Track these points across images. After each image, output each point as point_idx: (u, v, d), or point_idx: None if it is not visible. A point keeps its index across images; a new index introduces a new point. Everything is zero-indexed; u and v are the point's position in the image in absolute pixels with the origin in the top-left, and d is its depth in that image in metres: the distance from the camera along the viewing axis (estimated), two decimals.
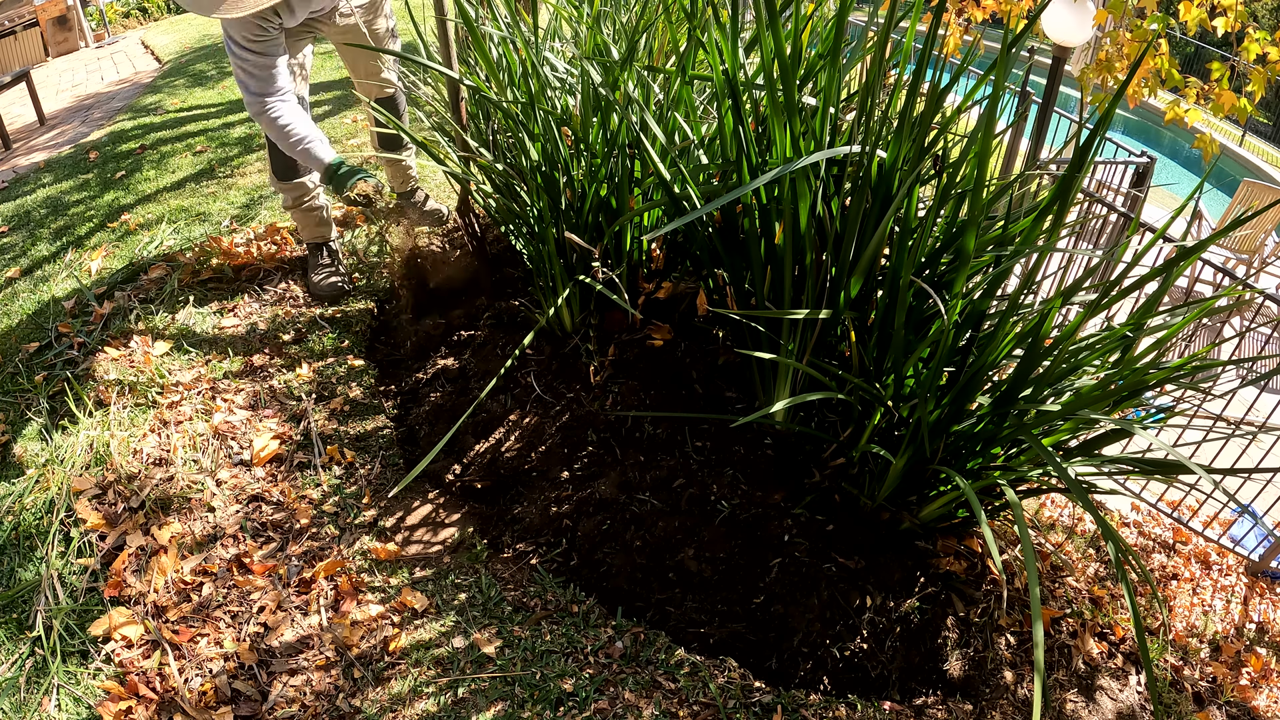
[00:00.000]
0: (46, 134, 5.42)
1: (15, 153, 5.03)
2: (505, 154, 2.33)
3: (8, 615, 1.69)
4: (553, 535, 1.90)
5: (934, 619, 1.74)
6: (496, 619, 1.72)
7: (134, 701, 1.51)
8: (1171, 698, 1.90)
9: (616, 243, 2.07)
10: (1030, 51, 7.07)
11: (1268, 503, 3.52)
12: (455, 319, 2.51)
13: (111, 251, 3.02)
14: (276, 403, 2.30)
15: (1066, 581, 2.05)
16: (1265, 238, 6.94)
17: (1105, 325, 1.66)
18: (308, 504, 2.00)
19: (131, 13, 10.01)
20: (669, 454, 1.92)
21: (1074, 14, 4.11)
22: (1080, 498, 1.33)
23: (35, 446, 2.11)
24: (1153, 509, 3.20)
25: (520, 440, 2.09)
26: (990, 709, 1.66)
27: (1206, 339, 5.10)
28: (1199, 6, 3.66)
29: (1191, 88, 3.91)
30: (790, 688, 1.63)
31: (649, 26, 2.15)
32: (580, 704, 1.54)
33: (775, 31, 1.48)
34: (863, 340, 1.72)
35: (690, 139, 1.94)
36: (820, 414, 1.93)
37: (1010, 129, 5.03)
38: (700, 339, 2.11)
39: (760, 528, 1.78)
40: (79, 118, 5.63)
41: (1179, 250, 1.42)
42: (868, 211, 1.60)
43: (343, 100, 4.72)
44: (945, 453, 1.68)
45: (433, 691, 1.56)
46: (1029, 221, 1.57)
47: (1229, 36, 3.70)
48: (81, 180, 3.78)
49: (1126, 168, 5.24)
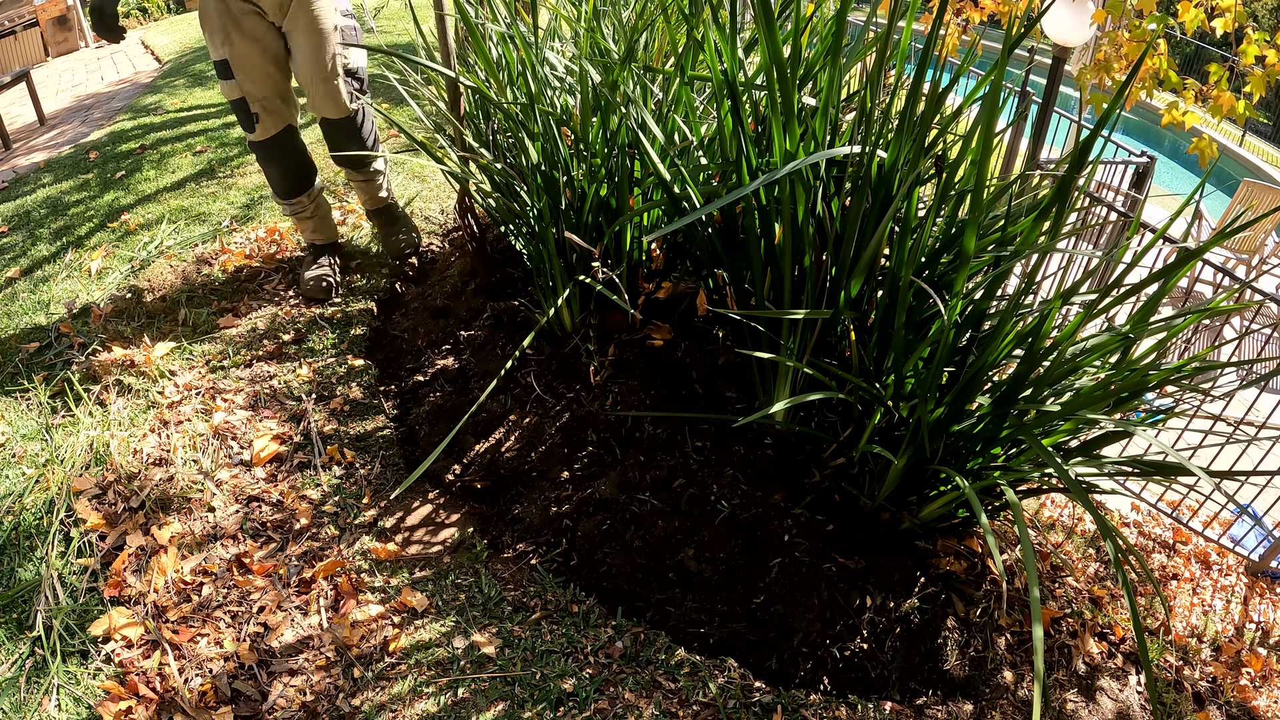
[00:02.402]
0: (46, 134, 5.42)
1: (15, 153, 5.03)
2: (505, 154, 2.33)
3: (8, 615, 1.69)
4: (553, 535, 1.90)
5: (934, 619, 1.74)
6: (496, 619, 1.72)
7: (134, 701, 1.50)
8: (1171, 698, 1.90)
9: (616, 243, 2.07)
10: (1030, 51, 7.07)
11: (1268, 503, 3.52)
12: (455, 319, 2.51)
13: (111, 251, 3.02)
14: (276, 403, 2.30)
15: (1066, 581, 2.05)
16: (1265, 238, 6.94)
17: (1105, 326, 1.66)
18: (307, 504, 2.00)
19: (131, 13, 10.01)
20: (669, 454, 1.92)
21: (1073, 14, 4.11)
22: (1080, 498, 1.33)
23: (35, 446, 2.11)
24: (1153, 509, 3.20)
25: (520, 440, 2.09)
26: (990, 709, 1.66)
27: (1206, 340, 5.10)
28: (1197, 7, 3.66)
29: (1190, 89, 3.91)
30: (790, 688, 1.63)
31: (648, 26, 2.15)
32: (580, 704, 1.54)
33: (773, 35, 1.49)
34: (863, 340, 1.72)
35: (690, 139, 1.94)
36: (820, 414, 1.93)
37: (1010, 129, 5.03)
38: (700, 339, 2.11)
39: (760, 528, 1.78)
40: (79, 118, 5.63)
41: (1179, 252, 1.42)
42: (868, 211, 1.61)
43: None
44: (945, 453, 1.68)
45: (433, 691, 1.56)
46: (1029, 222, 1.57)
47: (1228, 37, 3.70)
48: (81, 180, 3.78)
49: (1126, 168, 5.24)
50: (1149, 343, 1.76)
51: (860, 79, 2.06)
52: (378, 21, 7.34)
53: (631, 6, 2.44)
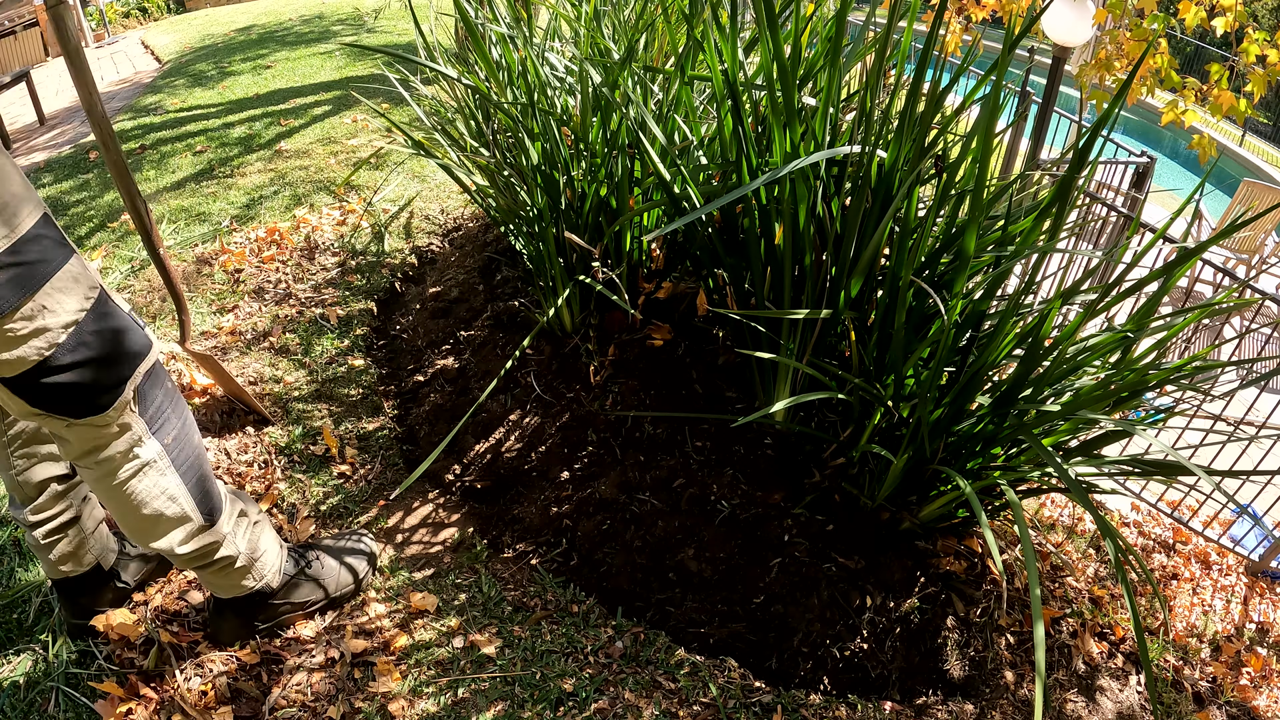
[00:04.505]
0: (46, 134, 5.42)
1: (15, 153, 5.03)
2: (505, 154, 2.33)
3: (8, 615, 1.69)
4: (553, 535, 1.90)
5: (934, 619, 1.74)
6: (496, 619, 1.72)
7: (134, 702, 1.50)
8: (1171, 698, 1.90)
9: (616, 243, 2.07)
10: (1030, 51, 7.07)
11: (1268, 503, 3.52)
12: (455, 319, 2.51)
13: (111, 251, 3.02)
14: (276, 402, 2.30)
15: (1066, 581, 2.05)
16: (1265, 238, 6.94)
17: (1105, 325, 1.66)
18: (308, 504, 2.00)
19: (131, 13, 10.02)
20: (669, 454, 1.92)
21: (1074, 14, 4.11)
22: (1080, 498, 1.33)
23: None
24: (1153, 509, 3.20)
25: (520, 440, 2.09)
26: (990, 709, 1.66)
27: (1207, 339, 5.10)
28: (1198, 6, 3.66)
29: (1190, 88, 3.91)
30: (790, 688, 1.63)
31: (648, 26, 2.15)
32: (580, 704, 1.54)
33: (774, 35, 1.49)
34: (863, 340, 1.72)
35: (690, 139, 1.94)
36: (820, 414, 1.93)
37: (1010, 129, 5.03)
38: (700, 339, 2.11)
39: (760, 528, 1.78)
40: (79, 118, 5.63)
41: (1179, 251, 1.42)
42: (868, 212, 1.61)
43: (342, 100, 4.72)
44: (945, 453, 1.68)
45: (433, 691, 1.56)
46: (1029, 222, 1.57)
47: (1229, 36, 3.70)
48: (81, 180, 3.78)
49: (1126, 168, 5.24)
50: (1149, 342, 1.77)
51: (860, 79, 2.06)
52: (377, 22, 7.34)
53: (631, 6, 2.44)
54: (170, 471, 1.33)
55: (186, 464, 1.36)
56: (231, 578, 1.50)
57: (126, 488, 1.30)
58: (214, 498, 1.43)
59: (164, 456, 1.32)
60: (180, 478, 1.35)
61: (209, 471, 1.42)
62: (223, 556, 1.46)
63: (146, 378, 1.27)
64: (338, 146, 3.96)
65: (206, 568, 1.47)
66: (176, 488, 1.34)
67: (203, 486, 1.39)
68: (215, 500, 1.43)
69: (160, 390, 1.31)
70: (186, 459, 1.36)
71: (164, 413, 1.32)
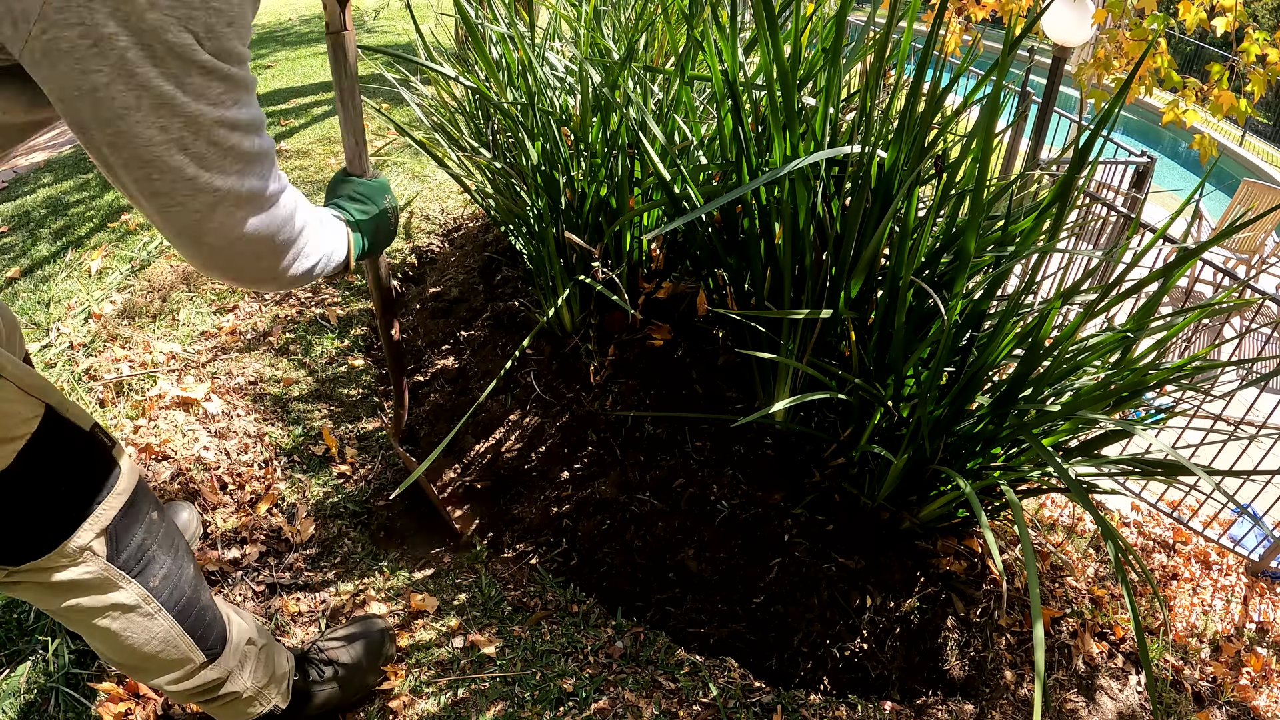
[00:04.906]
0: (47, 134, 5.42)
1: (15, 152, 5.03)
2: (505, 154, 2.33)
3: (8, 615, 1.69)
4: (553, 535, 1.90)
5: (934, 619, 1.74)
6: (496, 619, 1.72)
7: (133, 703, 1.50)
8: (1171, 698, 1.90)
9: (616, 243, 2.07)
10: (1030, 51, 7.07)
11: (1268, 503, 3.52)
12: (455, 319, 2.51)
13: (111, 251, 3.02)
14: (277, 402, 2.30)
15: (1066, 581, 2.05)
16: (1265, 238, 6.94)
17: (1105, 325, 1.66)
18: (308, 504, 2.00)
19: None
20: (669, 454, 1.92)
21: (1074, 14, 4.11)
22: (1080, 498, 1.33)
23: None
24: (1153, 509, 3.20)
25: (520, 440, 2.09)
26: (991, 709, 1.66)
27: (1207, 339, 5.10)
28: (1198, 6, 3.66)
29: (1190, 88, 3.91)
30: (790, 688, 1.63)
31: (648, 26, 2.15)
32: (580, 704, 1.54)
33: (774, 35, 1.48)
34: (863, 340, 1.72)
35: (690, 139, 1.94)
36: (820, 414, 1.93)
37: (1010, 129, 5.03)
38: (700, 339, 2.12)
39: (760, 528, 1.78)
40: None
41: (1179, 251, 1.42)
42: (868, 212, 1.61)
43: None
44: (945, 453, 1.68)
45: (433, 691, 1.56)
46: (1029, 222, 1.57)
47: (1229, 36, 3.70)
48: (81, 180, 3.78)
49: (1126, 168, 5.24)
50: (1149, 342, 1.76)
51: (860, 79, 2.06)
52: (377, 21, 7.34)
53: (631, 7, 2.44)
54: (161, 614, 1.15)
55: (181, 602, 1.18)
56: (237, 706, 1.34)
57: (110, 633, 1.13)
58: (216, 628, 1.25)
59: (151, 600, 1.13)
60: (175, 619, 1.17)
61: (208, 600, 1.24)
62: (228, 693, 1.29)
63: (121, 515, 1.08)
64: (338, 146, 3.96)
65: (210, 703, 1.31)
66: (170, 629, 1.17)
67: (203, 619, 1.22)
68: (219, 630, 1.25)
69: (140, 525, 1.12)
70: (181, 596, 1.18)
71: (148, 550, 1.13)
